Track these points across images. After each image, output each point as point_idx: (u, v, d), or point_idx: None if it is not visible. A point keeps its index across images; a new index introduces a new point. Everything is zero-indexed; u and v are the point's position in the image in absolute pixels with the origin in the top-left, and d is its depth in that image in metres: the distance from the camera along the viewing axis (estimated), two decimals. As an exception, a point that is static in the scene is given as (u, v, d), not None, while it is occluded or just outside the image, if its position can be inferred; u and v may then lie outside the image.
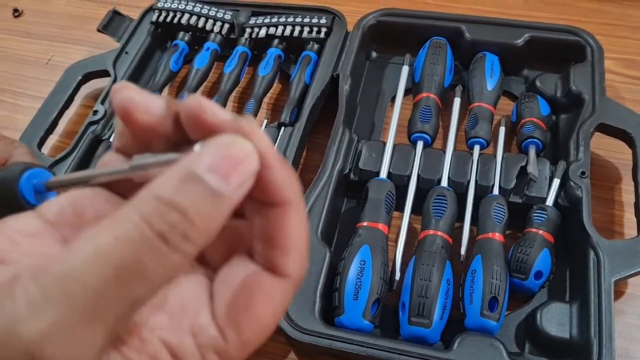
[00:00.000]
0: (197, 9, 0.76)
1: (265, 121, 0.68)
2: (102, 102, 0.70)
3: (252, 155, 0.20)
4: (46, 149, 0.69)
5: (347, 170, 0.61)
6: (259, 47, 0.74)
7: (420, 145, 0.62)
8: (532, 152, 0.59)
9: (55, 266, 0.18)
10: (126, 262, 0.18)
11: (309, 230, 0.24)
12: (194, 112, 0.21)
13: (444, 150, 0.61)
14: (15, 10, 0.90)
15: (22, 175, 0.32)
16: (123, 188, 0.25)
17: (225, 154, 0.20)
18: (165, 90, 0.75)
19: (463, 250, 0.55)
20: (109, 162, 0.25)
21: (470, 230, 0.56)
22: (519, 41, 0.67)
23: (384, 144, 0.62)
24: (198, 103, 0.21)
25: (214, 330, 0.22)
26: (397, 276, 0.54)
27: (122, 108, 0.23)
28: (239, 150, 0.20)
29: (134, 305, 0.18)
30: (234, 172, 0.19)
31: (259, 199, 0.22)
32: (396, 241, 0.57)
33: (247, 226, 0.24)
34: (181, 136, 0.23)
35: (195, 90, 0.72)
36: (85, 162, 0.66)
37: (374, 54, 0.75)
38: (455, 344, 0.48)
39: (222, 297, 0.23)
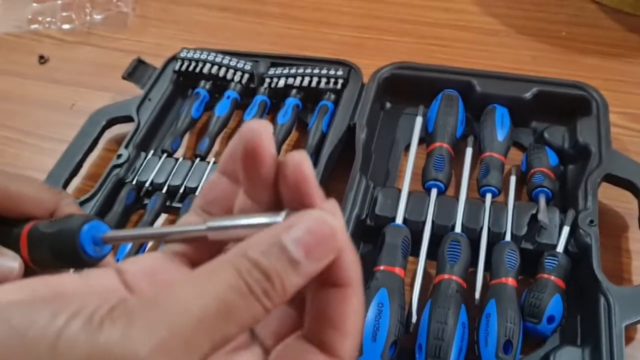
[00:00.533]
0: (218, 59, 0.80)
1: (284, 167, 0.70)
2: (126, 147, 0.72)
3: (337, 235, 0.22)
4: (70, 190, 0.72)
5: (363, 216, 0.63)
6: (278, 96, 0.78)
7: (434, 192, 0.64)
8: (542, 200, 0.61)
9: (164, 299, 0.21)
10: (222, 303, 0.21)
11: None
12: (298, 178, 0.24)
13: (457, 198, 0.63)
14: (41, 57, 0.94)
15: (83, 228, 0.32)
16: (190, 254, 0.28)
17: (312, 229, 0.22)
18: (186, 136, 0.77)
19: (477, 295, 0.57)
20: (187, 223, 0.27)
21: (484, 276, 0.58)
22: (528, 95, 0.70)
23: (399, 190, 0.64)
24: (303, 168, 0.24)
25: None
26: (414, 319, 0.55)
27: (253, 141, 0.25)
28: (328, 229, 0.22)
29: (222, 342, 0.21)
30: (317, 247, 0.22)
31: (323, 278, 0.24)
32: (411, 285, 0.59)
33: (303, 306, 0.26)
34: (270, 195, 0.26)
35: (216, 136, 0.74)
36: (108, 203, 0.68)
37: (387, 105, 0.78)
38: (472, 386, 0.50)
39: None
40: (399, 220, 0.62)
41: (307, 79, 0.76)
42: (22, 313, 0.20)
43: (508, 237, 0.60)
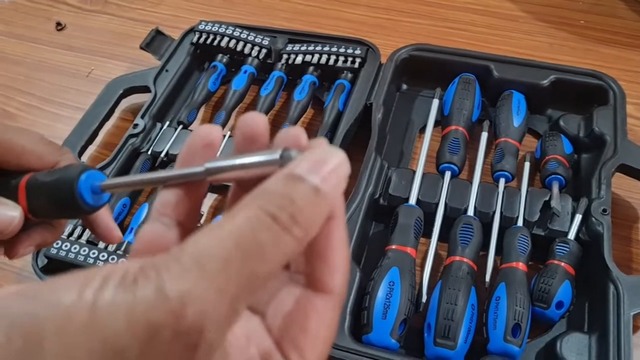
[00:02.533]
0: (236, 33, 0.79)
1: (299, 144, 0.70)
2: (142, 117, 0.73)
3: (344, 161, 0.23)
4: (85, 158, 0.72)
5: (377, 195, 0.64)
6: (295, 72, 0.78)
7: (448, 175, 0.64)
8: (555, 187, 0.62)
9: (189, 247, 0.20)
10: (246, 240, 0.20)
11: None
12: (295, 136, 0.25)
13: (470, 181, 0.64)
14: (58, 23, 0.94)
15: (81, 177, 0.32)
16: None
17: (321, 160, 0.23)
18: (202, 109, 0.78)
19: (488, 278, 0.57)
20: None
21: (494, 260, 0.59)
22: (545, 82, 0.70)
23: (414, 172, 0.65)
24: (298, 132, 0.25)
25: (279, 356, 0.24)
26: (424, 298, 0.56)
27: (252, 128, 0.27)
28: (335, 157, 0.23)
29: (255, 283, 0.21)
30: (331, 174, 0.22)
31: None
32: (422, 265, 0.59)
33: None
34: None
35: (232, 109, 0.75)
36: (123, 172, 0.69)
37: (404, 86, 0.78)
38: (479, 366, 0.50)
39: (277, 324, 0.25)
40: (412, 201, 0.62)
41: (324, 57, 0.76)
42: (49, 291, 0.20)
43: (520, 222, 0.60)
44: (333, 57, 0.76)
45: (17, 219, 0.36)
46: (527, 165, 0.66)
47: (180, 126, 0.73)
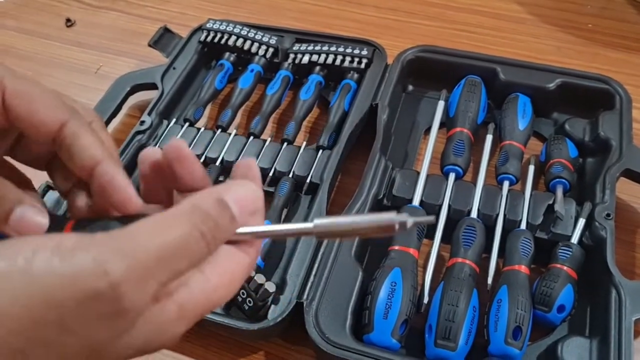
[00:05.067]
0: (244, 32, 0.80)
1: (304, 143, 0.71)
2: (149, 114, 0.73)
3: (259, 199, 0.30)
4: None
5: (381, 196, 0.64)
6: (301, 72, 0.78)
7: (452, 177, 0.65)
8: (559, 191, 0.62)
9: (130, 234, 0.25)
10: (177, 247, 0.26)
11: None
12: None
13: (474, 184, 0.64)
14: (68, 20, 0.94)
15: None
16: None
17: (244, 195, 0.29)
18: (209, 107, 0.78)
19: (490, 280, 0.57)
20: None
21: (497, 262, 0.59)
22: (551, 85, 0.70)
23: (418, 173, 0.65)
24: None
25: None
26: (426, 299, 0.56)
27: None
28: (253, 193, 0.30)
29: (175, 274, 0.26)
30: (247, 208, 0.29)
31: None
32: (424, 266, 0.60)
33: None
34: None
35: (238, 108, 0.75)
36: (130, 169, 0.69)
37: (410, 87, 0.78)
38: (479, 368, 0.51)
39: None
40: (416, 202, 0.63)
41: (331, 57, 0.76)
42: None
43: (523, 226, 0.60)
44: (339, 57, 0.76)
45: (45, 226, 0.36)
46: (531, 168, 0.66)
47: (187, 123, 0.73)
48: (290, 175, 0.67)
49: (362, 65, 0.75)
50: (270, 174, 0.67)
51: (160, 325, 0.26)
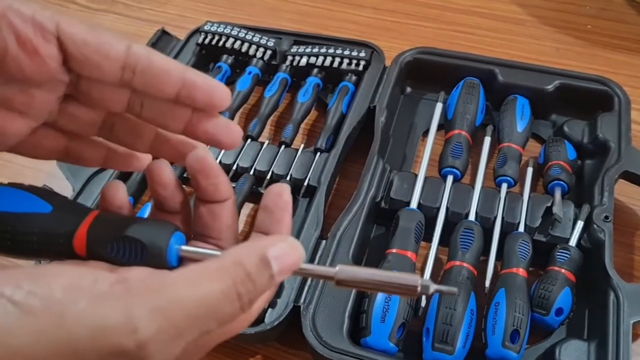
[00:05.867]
0: (241, 34, 0.80)
1: (302, 146, 0.71)
2: (147, 116, 0.73)
3: (301, 258, 0.28)
4: (90, 157, 0.73)
5: (378, 199, 0.64)
6: (299, 74, 0.78)
7: (450, 179, 0.64)
8: (557, 193, 0.62)
9: (164, 288, 0.24)
10: (212, 307, 0.25)
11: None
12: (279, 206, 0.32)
13: (472, 186, 0.64)
14: (66, 22, 0.94)
15: (170, 244, 0.31)
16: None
17: (287, 252, 0.27)
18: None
19: (487, 283, 0.57)
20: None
21: (495, 265, 0.59)
22: (550, 87, 0.70)
23: (415, 175, 0.65)
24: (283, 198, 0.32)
25: None
26: (423, 303, 0.56)
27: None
28: (296, 252, 0.28)
29: (204, 334, 0.25)
30: (288, 267, 0.27)
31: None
32: (422, 269, 0.59)
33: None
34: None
35: (236, 110, 0.75)
36: (126, 172, 0.69)
37: (408, 89, 0.78)
38: (477, 372, 0.50)
39: None
40: (414, 204, 0.62)
41: (329, 59, 0.76)
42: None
43: (521, 228, 0.60)
44: (337, 60, 0.76)
45: None
46: (529, 170, 0.65)
47: (184, 126, 0.73)
48: (288, 178, 0.67)
49: (360, 68, 0.75)
50: (268, 176, 0.67)
51: None
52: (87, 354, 0.22)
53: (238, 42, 0.79)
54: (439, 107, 0.71)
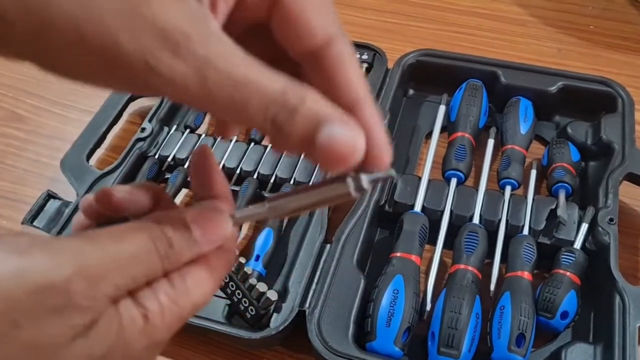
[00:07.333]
0: (243, 38, 0.79)
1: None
2: (150, 121, 0.73)
3: (223, 221, 0.29)
4: (93, 161, 0.73)
5: (382, 202, 0.64)
6: (302, 77, 0.78)
7: (453, 182, 0.64)
8: (562, 196, 0.62)
9: (87, 239, 0.25)
10: (135, 251, 0.26)
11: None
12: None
13: (476, 189, 0.64)
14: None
15: None
16: None
17: (208, 217, 0.29)
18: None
19: (492, 286, 0.57)
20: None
21: (499, 268, 0.59)
22: (553, 88, 0.70)
23: (419, 178, 0.64)
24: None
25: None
26: (428, 307, 0.56)
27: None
28: (218, 215, 0.29)
29: (130, 281, 0.26)
30: (210, 229, 0.28)
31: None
32: (426, 273, 0.59)
33: None
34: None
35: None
36: (131, 176, 0.69)
37: (410, 91, 0.78)
38: (483, 376, 0.50)
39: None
40: (418, 208, 0.62)
41: (331, 62, 0.76)
42: None
43: (526, 231, 0.60)
44: (340, 62, 0.76)
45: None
46: (533, 172, 0.65)
47: (187, 130, 0.73)
48: (292, 182, 0.67)
49: (363, 70, 0.75)
50: (272, 180, 0.67)
51: (125, 333, 0.25)
52: (14, 294, 0.22)
53: (240, 45, 0.79)
54: (442, 109, 0.71)
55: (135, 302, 0.26)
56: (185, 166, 0.70)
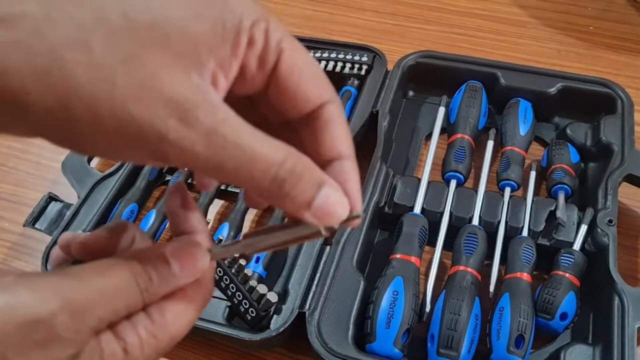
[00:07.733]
0: (243, 40, 0.80)
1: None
2: (150, 123, 0.73)
3: (201, 255, 0.29)
4: (93, 164, 0.73)
5: (382, 204, 0.64)
6: (301, 79, 0.78)
7: (453, 183, 0.64)
8: (561, 197, 0.62)
9: (71, 274, 0.26)
10: (116, 289, 0.27)
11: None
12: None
13: (475, 190, 0.64)
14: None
15: None
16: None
17: (185, 252, 0.29)
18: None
19: (492, 288, 0.57)
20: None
21: (499, 270, 0.59)
22: (552, 90, 0.70)
23: (419, 180, 0.65)
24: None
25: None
26: (428, 308, 0.56)
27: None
28: (195, 249, 0.30)
29: (111, 314, 0.26)
30: (188, 262, 0.29)
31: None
32: (426, 274, 0.60)
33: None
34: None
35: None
36: (131, 178, 0.69)
37: (410, 93, 0.78)
38: (482, 377, 0.51)
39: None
40: (417, 209, 0.63)
41: (331, 64, 0.76)
42: None
43: (525, 232, 0.60)
44: (339, 64, 0.76)
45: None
46: (533, 174, 0.65)
47: (188, 132, 0.73)
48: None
49: (362, 72, 0.75)
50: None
51: None
52: (1, 328, 0.23)
53: (240, 48, 0.79)
54: (441, 111, 0.71)
55: (115, 335, 0.27)
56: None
